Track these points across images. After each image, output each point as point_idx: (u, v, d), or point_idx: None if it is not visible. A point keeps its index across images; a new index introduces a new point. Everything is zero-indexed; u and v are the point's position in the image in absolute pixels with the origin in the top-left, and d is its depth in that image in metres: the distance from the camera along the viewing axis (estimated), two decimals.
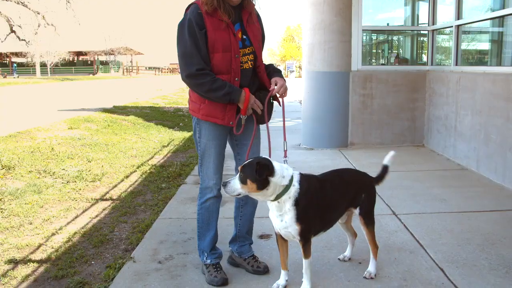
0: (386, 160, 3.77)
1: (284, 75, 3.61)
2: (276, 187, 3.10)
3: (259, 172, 3.01)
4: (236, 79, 3.33)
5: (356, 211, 3.57)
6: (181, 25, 3.26)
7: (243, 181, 3.06)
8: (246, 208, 3.79)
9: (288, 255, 3.51)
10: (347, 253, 3.93)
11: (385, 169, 3.74)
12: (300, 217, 3.16)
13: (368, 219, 3.57)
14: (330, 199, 3.37)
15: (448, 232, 4.55)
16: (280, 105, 3.55)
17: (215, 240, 3.69)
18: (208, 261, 3.62)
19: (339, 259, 3.90)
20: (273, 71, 3.57)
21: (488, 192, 5.83)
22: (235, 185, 3.07)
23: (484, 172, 6.56)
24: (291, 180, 3.16)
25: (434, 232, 4.54)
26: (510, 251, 4.07)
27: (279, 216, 3.22)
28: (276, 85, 3.45)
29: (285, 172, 3.15)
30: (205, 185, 3.56)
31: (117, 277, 3.71)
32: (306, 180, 3.25)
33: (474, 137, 6.87)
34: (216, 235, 3.68)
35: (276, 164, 3.13)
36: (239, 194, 3.11)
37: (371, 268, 3.61)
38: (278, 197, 3.14)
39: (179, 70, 3.30)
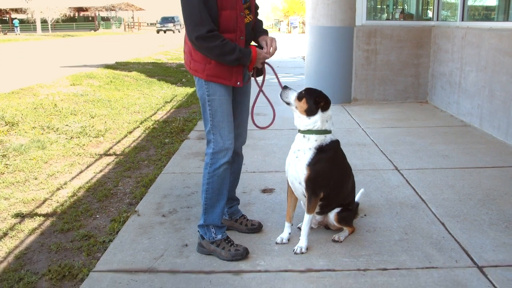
0: (357, 197, 3.90)
1: (287, 31, 3.55)
2: (317, 123, 3.24)
3: (317, 99, 3.22)
4: (242, 37, 3.17)
5: (336, 210, 3.51)
6: None
7: (299, 98, 3.25)
8: (234, 166, 3.56)
9: (295, 208, 3.56)
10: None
11: (356, 206, 3.82)
12: (313, 163, 3.23)
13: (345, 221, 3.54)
14: (338, 177, 3.41)
15: (449, 187, 4.58)
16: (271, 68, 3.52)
17: (224, 209, 3.41)
18: (219, 236, 3.32)
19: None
20: (260, 29, 3.42)
21: (491, 148, 5.83)
22: (292, 95, 3.28)
23: (487, 129, 6.55)
24: (328, 132, 3.30)
25: (436, 187, 4.57)
26: (511, 207, 4.11)
27: (297, 151, 3.30)
28: (267, 44, 3.30)
29: (330, 122, 3.31)
30: (219, 148, 3.23)
31: (122, 230, 3.77)
32: (337, 145, 3.38)
33: (478, 93, 6.83)
34: (225, 203, 3.41)
35: (330, 111, 3.30)
36: (288, 104, 3.29)
37: (342, 234, 3.57)
38: (309, 132, 3.26)
39: (186, 30, 3.07)
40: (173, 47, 28.01)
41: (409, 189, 4.56)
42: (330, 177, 3.33)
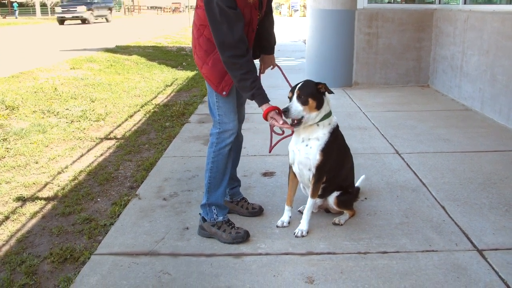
0: (359, 182, 3.94)
1: (288, 14, 3.51)
2: (327, 106, 3.21)
3: (318, 88, 3.12)
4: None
5: (335, 193, 3.51)
6: (208, 2, 2.94)
7: (304, 102, 3.09)
8: (234, 145, 3.51)
9: (295, 192, 3.56)
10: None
11: (357, 190, 3.82)
12: (326, 148, 3.22)
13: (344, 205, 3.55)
14: (339, 157, 3.42)
15: (450, 171, 4.58)
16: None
17: (226, 190, 3.50)
18: (220, 218, 3.34)
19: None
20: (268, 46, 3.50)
21: (492, 132, 5.83)
22: (298, 107, 3.10)
23: (488, 113, 6.54)
24: (331, 112, 3.29)
25: (436, 171, 4.58)
26: (511, 191, 4.11)
27: (306, 140, 3.26)
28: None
29: (330, 100, 3.29)
30: (224, 128, 3.27)
31: (123, 213, 3.79)
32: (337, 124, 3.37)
33: (479, 77, 6.80)
34: (227, 184, 3.45)
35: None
36: (301, 118, 3.11)
37: (342, 217, 3.58)
38: (322, 119, 3.22)
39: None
40: (173, 30, 27.84)
41: (410, 172, 4.56)
42: (335, 158, 3.34)
